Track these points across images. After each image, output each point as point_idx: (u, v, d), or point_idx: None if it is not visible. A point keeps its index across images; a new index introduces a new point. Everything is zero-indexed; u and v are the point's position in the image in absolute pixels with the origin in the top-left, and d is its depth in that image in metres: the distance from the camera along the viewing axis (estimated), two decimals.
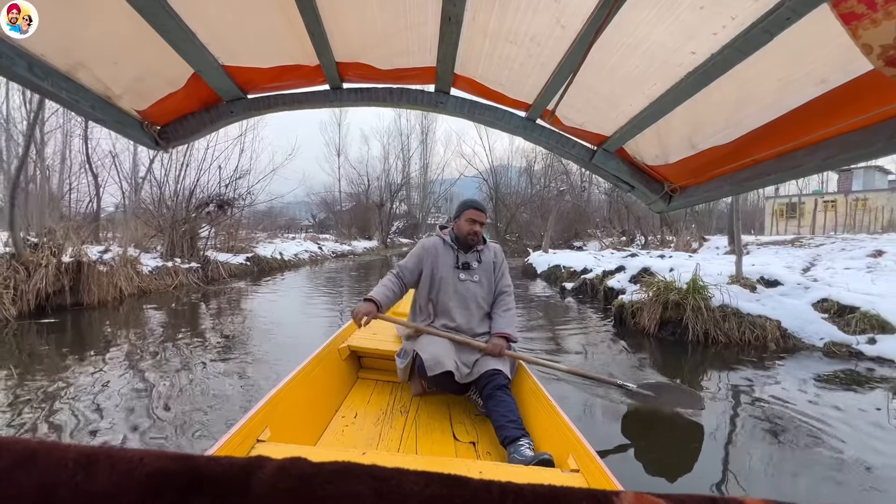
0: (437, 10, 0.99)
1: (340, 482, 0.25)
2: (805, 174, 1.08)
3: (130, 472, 0.25)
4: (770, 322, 4.63)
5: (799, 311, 4.69)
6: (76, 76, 1.04)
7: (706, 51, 0.90)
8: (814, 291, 4.92)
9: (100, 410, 2.77)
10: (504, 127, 1.44)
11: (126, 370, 3.63)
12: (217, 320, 6.00)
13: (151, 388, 3.19)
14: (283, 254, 13.82)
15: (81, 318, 5.78)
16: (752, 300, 4.89)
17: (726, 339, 4.72)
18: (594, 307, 7.26)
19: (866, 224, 19.60)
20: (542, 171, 28.22)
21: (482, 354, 2.04)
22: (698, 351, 4.64)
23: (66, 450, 0.26)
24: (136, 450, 0.26)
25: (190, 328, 5.42)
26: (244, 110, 1.38)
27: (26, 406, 2.80)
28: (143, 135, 1.32)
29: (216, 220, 10.37)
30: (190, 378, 3.43)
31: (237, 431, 1.32)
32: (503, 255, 2.33)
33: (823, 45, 0.78)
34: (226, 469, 0.25)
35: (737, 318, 4.74)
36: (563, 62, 1.08)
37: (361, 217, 30.07)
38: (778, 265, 8.38)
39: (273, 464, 0.26)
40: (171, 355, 4.09)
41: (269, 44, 1.15)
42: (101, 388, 3.16)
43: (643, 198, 1.57)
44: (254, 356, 4.09)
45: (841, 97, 0.85)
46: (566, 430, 1.57)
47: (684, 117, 1.14)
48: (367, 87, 1.38)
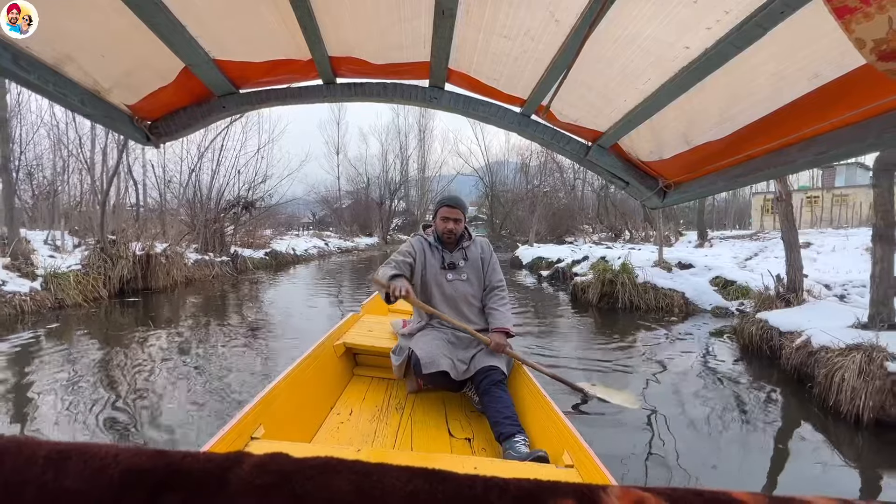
0: (430, 3, 1.00)
1: (321, 478, 0.25)
2: (798, 170, 1.10)
3: (103, 468, 0.25)
4: (677, 293, 6.47)
5: (699, 285, 6.52)
6: (63, 70, 1.02)
7: (700, 45, 0.91)
8: (713, 272, 6.76)
9: (176, 361, 4.06)
10: (499, 123, 1.44)
11: (192, 334, 5.47)
12: (253, 302, 7.85)
13: (211, 347, 5.02)
14: (295, 249, 15.63)
15: (151, 300, 7.59)
16: (668, 278, 6.73)
17: (646, 306, 6.56)
18: (562, 289, 9.11)
19: (849, 218, 21.37)
20: (537, 167, 29.80)
21: (478, 350, 2.06)
22: (626, 315, 6.47)
23: (37, 446, 0.25)
24: (111, 445, 0.26)
25: (233, 308, 7.28)
26: (236, 105, 1.38)
27: (130, 360, 4.22)
28: (133, 130, 1.31)
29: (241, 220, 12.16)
30: (241, 341, 5.27)
31: (231, 429, 1.33)
32: (491, 249, 2.32)
33: (817, 40, 0.78)
34: (202, 465, 0.25)
35: (654, 291, 6.58)
36: (557, 57, 1.09)
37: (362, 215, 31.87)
38: (726, 255, 10.26)
39: (252, 459, 0.26)
40: (224, 324, 5.94)
41: (261, 38, 1.16)
42: (174, 346, 4.85)
43: (638, 194, 1.56)
44: (286, 326, 5.94)
45: (834, 92, 0.85)
46: (561, 427, 1.59)
47: (678, 113, 1.15)
48: (361, 82, 1.38)
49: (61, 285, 6.62)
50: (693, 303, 6.42)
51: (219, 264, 10.80)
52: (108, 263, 7.61)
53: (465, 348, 2.07)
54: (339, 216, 31.93)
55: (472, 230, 2.34)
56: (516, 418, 1.74)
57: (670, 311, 6.44)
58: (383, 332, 2.64)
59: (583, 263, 9.20)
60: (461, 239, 2.22)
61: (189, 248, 11.09)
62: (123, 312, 6.53)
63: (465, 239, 2.24)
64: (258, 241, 14.01)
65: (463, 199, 2.28)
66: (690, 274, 6.91)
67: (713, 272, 6.73)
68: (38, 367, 3.83)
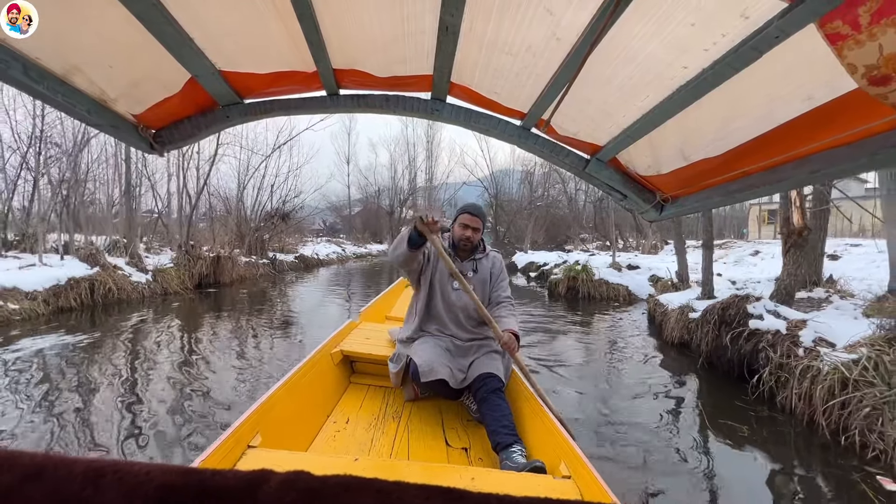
0: (434, 20, 1.04)
1: (345, 496, 0.26)
2: (792, 187, 1.13)
3: (138, 485, 0.26)
4: (622, 286, 8.89)
5: (639, 281, 8.94)
6: (72, 80, 1.06)
7: (698, 66, 0.94)
8: (651, 272, 9.17)
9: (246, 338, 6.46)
10: (499, 135, 1.48)
11: (257, 317, 8.00)
12: (297, 294, 10.40)
13: (272, 325, 7.53)
14: (318, 254, 18.26)
15: (221, 292, 10.15)
16: (618, 276, 9.16)
17: (600, 296, 8.98)
18: (543, 287, 11.56)
19: (839, 230, 23.37)
20: (541, 178, 31.17)
21: (476, 358, 2.10)
22: (586, 303, 8.88)
23: (74, 464, 0.27)
24: (143, 463, 0.28)
25: (284, 297, 9.83)
26: (240, 115, 1.41)
27: (212, 337, 7.07)
28: (138, 139, 1.35)
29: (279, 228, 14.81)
30: (293, 321, 7.79)
31: (228, 437, 1.36)
32: (502, 265, 2.34)
33: (810, 64, 0.82)
34: (231, 483, 0.27)
35: (606, 285, 9.00)
36: (558, 73, 1.12)
37: (374, 223, 34.54)
38: (690, 261, 12.66)
39: (278, 477, 0.28)
40: (279, 307, 8.47)
41: (267, 50, 1.18)
42: (245, 325, 7.43)
43: (636, 206, 1.59)
44: (326, 313, 8.46)
45: (827, 113, 0.89)
46: (558, 436, 1.63)
47: (676, 129, 1.19)
48: (364, 93, 1.41)
49: (165, 278, 9.21)
50: (634, 293, 8.83)
51: (262, 265, 13.40)
52: (191, 262, 10.20)
53: (464, 356, 2.11)
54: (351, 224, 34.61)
55: (486, 242, 2.37)
56: (514, 428, 1.76)
57: (617, 299, 8.85)
58: (381, 340, 2.71)
59: (561, 266, 11.64)
60: (475, 250, 2.26)
61: (241, 253, 13.74)
62: (207, 299, 9.07)
63: (480, 251, 2.28)
64: (288, 247, 16.64)
65: (484, 211, 2.31)
66: (636, 273, 9.34)
67: (651, 272, 9.14)
68: (172, 330, 6.38)
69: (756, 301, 3.99)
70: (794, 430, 3.01)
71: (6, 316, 6.02)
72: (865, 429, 2.63)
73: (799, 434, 2.97)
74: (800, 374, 3.14)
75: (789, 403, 3.18)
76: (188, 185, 12.32)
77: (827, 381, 2.92)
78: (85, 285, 7.48)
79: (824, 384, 2.92)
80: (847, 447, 2.67)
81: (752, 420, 3.15)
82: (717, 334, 4.17)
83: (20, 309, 6.31)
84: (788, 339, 3.48)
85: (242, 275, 12.17)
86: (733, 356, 3.88)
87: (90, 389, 3.52)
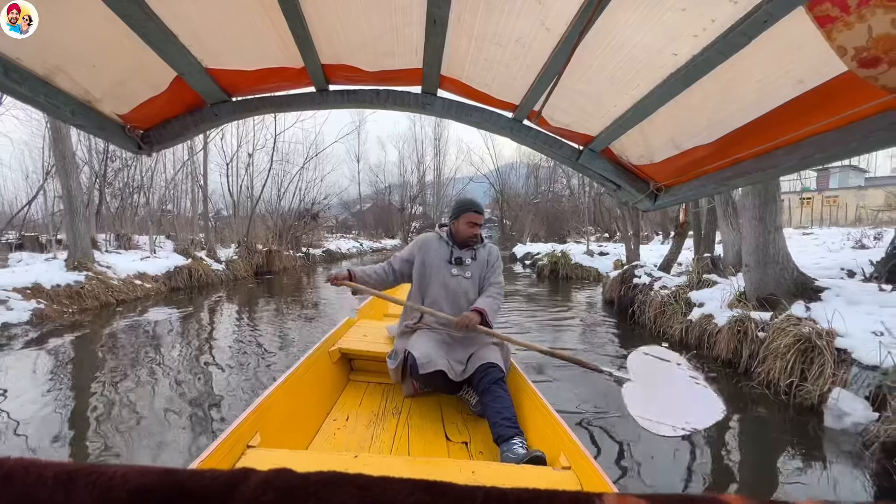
0: (422, 12, 1.04)
1: (325, 493, 0.26)
2: (785, 173, 1.15)
3: (111, 488, 0.26)
4: (594, 268, 11.62)
5: (606, 264, 11.65)
6: (54, 81, 1.05)
7: (687, 52, 0.95)
8: (617, 257, 11.88)
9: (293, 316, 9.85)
10: (491, 128, 1.49)
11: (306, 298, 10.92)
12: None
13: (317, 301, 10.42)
14: (340, 248, 21.21)
15: (273, 280, 13.04)
16: (590, 261, 11.89)
17: (576, 276, 11.72)
18: (534, 271, 14.33)
19: (836, 218, 25.15)
20: (547, 171, 32.32)
21: (475, 350, 2.16)
22: (564, 281, 11.61)
23: (45, 467, 0.27)
24: (118, 465, 0.28)
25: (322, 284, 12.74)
26: (229, 113, 1.41)
27: (271, 314, 10.00)
28: (125, 140, 1.35)
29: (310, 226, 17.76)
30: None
31: (227, 437, 1.38)
32: (498, 254, 2.46)
33: (800, 48, 0.83)
34: (208, 483, 0.27)
35: (581, 268, 11.73)
36: (548, 64, 1.13)
37: (385, 219, 37.40)
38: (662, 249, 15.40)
39: (257, 476, 0.28)
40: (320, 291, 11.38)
41: (253, 46, 1.19)
42: (293, 305, 10.27)
43: (629, 197, 1.61)
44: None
45: (817, 98, 0.90)
46: (558, 428, 1.68)
47: (668, 118, 1.20)
48: (354, 89, 1.42)
49: (234, 267, 12.14)
50: (603, 273, 11.54)
51: (297, 258, 16.35)
52: (250, 255, 13.14)
53: (462, 349, 2.19)
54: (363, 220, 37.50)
55: (484, 233, 2.47)
56: (515, 420, 1.81)
57: (589, 279, 11.58)
58: (379, 337, 2.78)
59: (546, 254, 14.36)
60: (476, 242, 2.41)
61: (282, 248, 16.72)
62: (267, 283, 11.96)
63: (478, 242, 2.41)
64: (315, 243, 19.58)
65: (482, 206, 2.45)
66: (605, 259, 12.07)
67: (616, 257, 11.86)
68: (251, 302, 9.28)
69: (641, 268, 6.73)
70: (643, 333, 5.75)
71: (147, 293, 8.96)
72: (664, 323, 5.42)
73: (643, 334, 5.70)
74: (648, 303, 5.90)
75: (643, 320, 5.94)
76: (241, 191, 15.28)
77: (655, 303, 5.70)
78: (185, 272, 10.42)
79: (654, 304, 5.70)
80: (658, 334, 5.43)
81: (625, 331, 5.89)
82: (620, 288, 6.95)
83: (152, 288, 9.25)
84: (648, 287, 6.23)
85: (286, 266, 15.12)
86: (625, 300, 6.65)
87: (206, 338, 6.40)
